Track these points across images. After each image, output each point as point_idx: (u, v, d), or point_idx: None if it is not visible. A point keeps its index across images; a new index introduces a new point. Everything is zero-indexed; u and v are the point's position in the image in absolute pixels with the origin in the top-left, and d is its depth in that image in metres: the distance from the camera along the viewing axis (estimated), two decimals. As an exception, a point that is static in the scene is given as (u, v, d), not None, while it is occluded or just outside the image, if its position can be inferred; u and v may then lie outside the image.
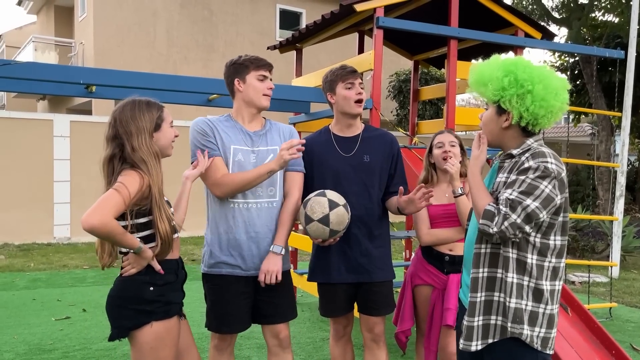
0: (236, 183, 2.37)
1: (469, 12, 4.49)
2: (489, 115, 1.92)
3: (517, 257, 1.78)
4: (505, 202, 1.73)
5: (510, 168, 1.85)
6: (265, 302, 2.49)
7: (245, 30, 14.55)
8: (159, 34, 13.63)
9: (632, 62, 6.87)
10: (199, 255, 8.13)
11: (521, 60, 1.89)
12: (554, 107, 1.83)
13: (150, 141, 2.06)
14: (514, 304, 1.77)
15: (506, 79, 1.82)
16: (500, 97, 1.83)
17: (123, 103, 2.09)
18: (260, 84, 2.46)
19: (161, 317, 2.02)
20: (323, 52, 11.32)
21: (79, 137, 9.31)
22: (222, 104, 4.67)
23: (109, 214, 1.89)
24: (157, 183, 2.02)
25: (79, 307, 5.13)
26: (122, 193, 1.92)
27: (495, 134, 1.91)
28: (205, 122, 2.47)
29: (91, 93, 4.03)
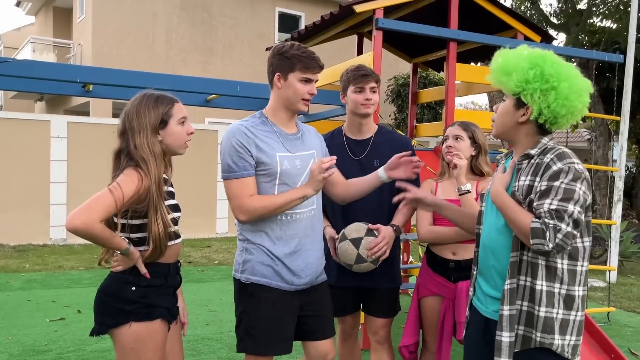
0: (262, 208, 2.11)
1: (468, 14, 4.49)
2: (506, 107, 1.82)
3: (547, 263, 1.72)
4: (549, 214, 1.65)
5: (533, 170, 1.75)
6: (310, 317, 2.29)
7: (244, 33, 14.56)
8: (157, 37, 13.62)
9: (631, 67, 6.88)
10: (195, 257, 8.11)
11: (550, 54, 1.79)
12: (576, 108, 1.75)
13: (153, 139, 1.97)
14: (544, 313, 1.71)
15: (532, 71, 1.73)
16: (522, 89, 1.74)
17: (134, 97, 2.04)
18: (303, 86, 2.18)
19: (140, 319, 1.95)
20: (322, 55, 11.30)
21: (76, 138, 9.28)
22: (220, 105, 4.65)
23: (96, 218, 1.83)
24: (155, 184, 1.94)
25: (74, 308, 5.10)
26: (115, 195, 1.86)
27: (508, 126, 1.83)
28: (243, 134, 2.15)
29: (88, 92, 4.01)
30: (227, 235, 10.47)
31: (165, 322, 2.03)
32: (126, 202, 1.90)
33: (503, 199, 1.77)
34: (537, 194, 1.70)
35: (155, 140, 1.98)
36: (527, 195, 1.74)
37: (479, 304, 1.92)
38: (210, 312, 5.07)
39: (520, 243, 1.73)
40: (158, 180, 1.96)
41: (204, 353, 3.97)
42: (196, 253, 8.45)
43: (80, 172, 9.19)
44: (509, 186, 1.83)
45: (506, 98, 1.83)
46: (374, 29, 3.93)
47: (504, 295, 1.75)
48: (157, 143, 1.99)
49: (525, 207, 1.72)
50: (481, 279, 1.92)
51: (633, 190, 15.80)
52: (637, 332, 4.88)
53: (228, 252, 8.54)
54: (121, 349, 1.97)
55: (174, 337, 2.17)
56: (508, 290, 1.74)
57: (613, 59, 4.86)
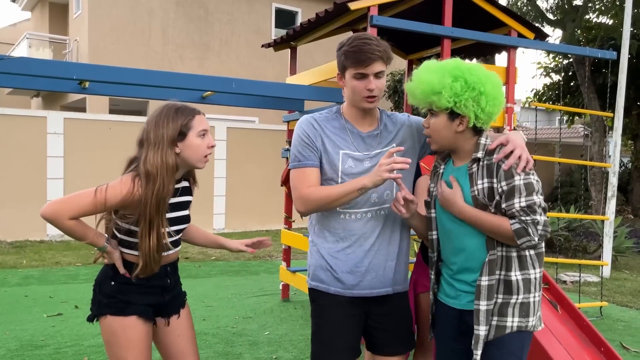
0: (319, 199, 1.97)
1: (462, 11, 4.52)
2: (440, 123, 1.88)
3: (518, 254, 1.83)
4: (523, 211, 1.77)
5: (487, 172, 1.85)
6: (378, 330, 2.12)
7: (241, 29, 14.55)
8: (154, 32, 13.61)
9: (625, 63, 6.92)
10: (192, 253, 8.14)
11: (459, 62, 1.89)
12: (502, 103, 1.89)
13: (168, 151, 1.93)
14: (521, 299, 1.83)
15: (457, 84, 1.81)
16: (454, 102, 1.82)
17: (157, 107, 2.01)
18: (359, 83, 1.97)
19: (114, 313, 1.98)
20: (318, 51, 11.33)
21: (72, 134, 9.28)
22: (216, 101, 4.67)
23: (66, 213, 1.87)
24: (154, 199, 1.89)
25: (71, 304, 5.13)
26: (98, 197, 1.88)
27: (449, 139, 1.90)
28: (310, 125, 2.05)
29: (84, 89, 4.03)
30: (224, 231, 10.51)
31: (144, 319, 2.02)
32: (108, 206, 1.91)
33: (472, 213, 1.84)
34: (501, 195, 1.80)
35: (170, 153, 1.93)
36: (490, 196, 1.83)
37: (449, 299, 1.98)
38: (206, 307, 5.10)
39: (495, 242, 1.83)
40: (160, 195, 1.91)
41: (201, 348, 4.00)
42: (193, 249, 8.48)
43: (76, 168, 9.21)
44: (466, 192, 1.89)
45: (436, 113, 1.88)
46: (369, 26, 3.96)
47: (480, 291, 1.83)
48: (172, 156, 1.94)
49: (493, 208, 1.82)
50: (450, 278, 1.98)
51: (629, 186, 15.86)
52: (629, 326, 4.93)
53: (225, 248, 8.56)
54: (104, 338, 2.05)
55: (178, 330, 2.16)
56: (486, 287, 1.83)
57: (606, 55, 4.90)
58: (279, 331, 4.39)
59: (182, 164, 2.00)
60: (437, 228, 2.01)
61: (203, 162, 2.02)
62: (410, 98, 1.94)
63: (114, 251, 2.00)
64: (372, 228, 2.04)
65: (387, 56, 1.99)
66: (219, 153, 10.47)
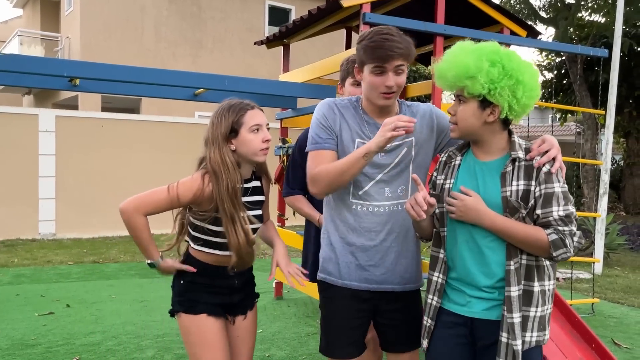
0: (327, 175, 1.89)
1: (455, 9, 4.52)
2: (469, 110, 1.72)
3: (537, 263, 1.72)
4: (561, 221, 1.66)
5: (525, 173, 1.70)
6: (389, 326, 2.07)
7: (234, 26, 14.51)
8: (147, 30, 13.54)
9: (617, 61, 6.95)
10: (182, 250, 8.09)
11: (497, 46, 1.72)
12: (538, 95, 1.73)
13: (225, 149, 1.96)
14: (540, 312, 1.72)
15: (495, 69, 1.66)
16: (489, 90, 1.66)
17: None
18: (376, 78, 1.88)
19: (186, 311, 2.05)
20: (312, 49, 11.32)
21: (64, 132, 9.22)
22: (209, 99, 4.65)
23: (144, 209, 1.94)
24: (227, 193, 1.93)
25: (63, 302, 5.10)
26: (171, 193, 1.93)
27: (475, 128, 1.74)
28: (330, 109, 2.00)
29: (75, 86, 4.00)
30: (218, 229, 10.49)
31: (214, 317, 2.05)
32: (182, 202, 1.96)
33: (504, 223, 1.68)
34: (537, 200, 1.68)
35: (227, 150, 1.96)
36: (524, 199, 1.69)
37: (456, 306, 1.80)
38: (199, 305, 5.09)
39: (517, 250, 1.70)
40: (230, 190, 1.94)
41: (193, 346, 4.00)
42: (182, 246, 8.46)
43: (68, 167, 9.16)
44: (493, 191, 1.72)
45: (466, 100, 1.73)
46: (361, 24, 3.95)
47: (512, 303, 1.67)
48: (229, 153, 1.96)
49: (524, 211, 1.68)
50: (456, 282, 1.81)
51: (621, 183, 15.97)
52: (621, 322, 4.96)
53: (218, 246, 8.56)
54: (182, 338, 2.11)
55: (239, 331, 2.18)
56: (517, 297, 1.68)
57: (598, 53, 4.92)
58: (272, 329, 4.39)
59: (241, 159, 2.01)
60: (447, 224, 1.83)
61: (261, 156, 2.01)
62: (439, 80, 1.77)
63: (169, 266, 2.08)
64: (384, 223, 1.97)
65: (409, 53, 1.88)
66: (212, 151, 10.43)
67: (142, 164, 9.63)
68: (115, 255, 7.67)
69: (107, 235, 9.32)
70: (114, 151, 9.48)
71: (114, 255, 7.67)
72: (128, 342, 4.02)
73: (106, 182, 9.38)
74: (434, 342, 1.85)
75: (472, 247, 1.75)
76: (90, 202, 9.27)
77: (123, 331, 4.27)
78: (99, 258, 7.47)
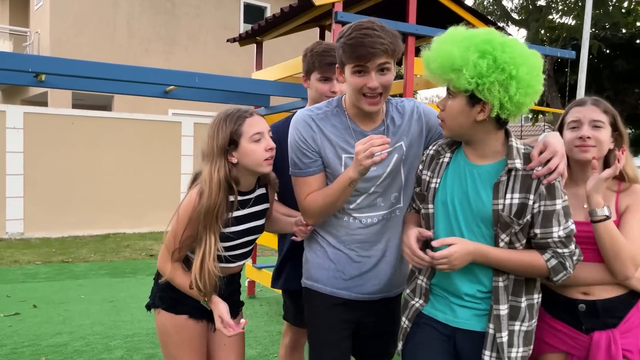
0: (319, 208, 1.79)
1: (426, 9, 4.57)
2: (457, 107, 1.54)
3: (526, 278, 1.61)
4: (561, 243, 1.52)
5: (522, 185, 1.53)
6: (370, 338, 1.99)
7: (208, 23, 14.37)
8: (119, 26, 13.32)
9: (585, 63, 7.12)
10: (157, 250, 8.00)
11: (493, 34, 1.50)
12: (537, 91, 1.52)
13: (217, 165, 1.80)
14: (526, 327, 1.60)
15: (483, 61, 1.45)
16: (477, 85, 1.47)
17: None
18: (358, 79, 1.70)
19: (167, 309, 1.97)
20: (287, 47, 11.29)
21: (33, 129, 9.01)
22: (180, 96, 4.61)
23: (161, 263, 1.92)
24: (204, 214, 1.78)
25: (30, 303, 4.99)
26: (174, 231, 1.85)
27: (465, 127, 1.56)
28: (306, 123, 1.81)
29: (41, 82, 3.91)
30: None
31: (195, 319, 1.97)
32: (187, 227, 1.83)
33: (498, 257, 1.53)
34: (535, 216, 1.52)
35: (221, 165, 1.80)
36: (519, 214, 1.52)
37: (440, 314, 1.67)
38: (170, 305, 5.04)
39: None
40: (207, 211, 1.79)
41: (163, 346, 3.95)
42: (158, 246, 8.34)
43: (37, 164, 8.96)
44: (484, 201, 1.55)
45: (454, 95, 1.54)
46: (333, 22, 3.96)
47: (501, 322, 1.55)
48: (223, 168, 1.80)
49: (517, 227, 1.53)
50: (439, 288, 1.68)
51: (589, 182, 16.32)
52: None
53: (191, 245, 8.48)
54: (158, 336, 2.03)
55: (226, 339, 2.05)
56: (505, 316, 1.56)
57: (565, 54, 5.03)
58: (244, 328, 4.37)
59: (244, 172, 1.87)
60: (434, 226, 1.66)
61: (265, 166, 1.85)
62: (426, 71, 1.59)
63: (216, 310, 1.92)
64: (377, 233, 1.84)
65: (394, 48, 1.67)
66: (186, 149, 10.33)
67: (113, 162, 9.48)
68: (86, 255, 7.53)
69: (77, 235, 9.15)
70: (85, 149, 9.31)
71: (84, 255, 7.53)
72: (96, 342, 3.96)
73: (76, 180, 9.21)
74: (413, 346, 1.72)
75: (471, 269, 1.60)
76: (59, 201, 9.09)
77: (91, 331, 4.19)
78: (68, 258, 7.33)
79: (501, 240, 1.55)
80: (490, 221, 1.54)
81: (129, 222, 9.62)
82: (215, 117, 1.87)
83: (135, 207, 9.65)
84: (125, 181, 9.58)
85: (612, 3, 13.36)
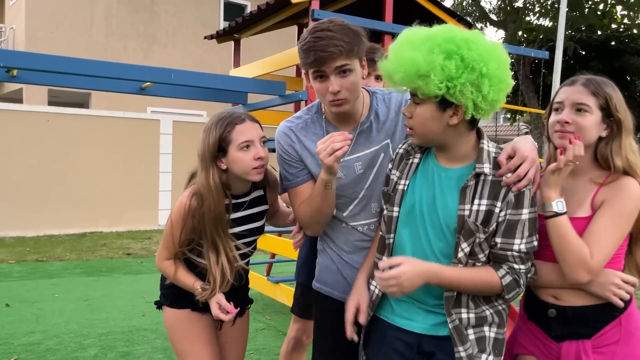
0: (308, 216, 1.77)
1: (403, 8, 4.61)
2: (427, 113, 1.43)
3: None
4: (519, 258, 1.44)
5: (490, 192, 1.44)
6: None
7: (188, 21, 14.27)
8: (96, 22, 13.15)
9: (559, 63, 7.24)
10: (135, 249, 7.95)
11: (452, 31, 1.40)
12: (510, 85, 1.44)
13: (212, 170, 1.77)
14: (494, 334, 1.52)
15: (451, 62, 1.35)
16: (447, 88, 1.36)
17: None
18: (319, 85, 1.63)
19: (170, 304, 2.01)
20: (267, 45, 11.26)
21: (7, 126, 8.85)
22: (156, 93, 4.57)
23: (159, 261, 1.95)
24: (209, 218, 1.78)
25: (2, 302, 4.90)
26: (167, 230, 1.88)
27: (437, 133, 1.46)
28: (285, 135, 1.79)
29: (13, 77, 3.84)
30: (170, 227, 10.30)
31: (199, 312, 1.96)
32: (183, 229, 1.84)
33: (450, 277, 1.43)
34: (499, 225, 1.44)
35: (214, 172, 1.77)
36: (486, 222, 1.43)
37: (401, 320, 1.58)
38: (147, 303, 4.99)
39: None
40: (212, 214, 1.78)
41: (138, 343, 3.93)
42: (136, 245, 8.29)
43: (12, 162, 8.80)
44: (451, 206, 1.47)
45: (422, 101, 1.43)
46: (310, 20, 3.96)
47: (459, 335, 1.47)
48: (217, 174, 1.78)
49: (483, 236, 1.44)
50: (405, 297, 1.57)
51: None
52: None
53: (169, 244, 8.42)
54: (167, 333, 2.06)
55: (228, 337, 2.11)
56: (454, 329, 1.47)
57: (539, 55, 5.11)
58: (220, 325, 4.36)
59: (232, 179, 1.84)
60: (396, 230, 1.57)
61: (254, 175, 1.80)
62: (388, 82, 1.49)
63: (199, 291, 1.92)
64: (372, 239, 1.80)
65: (351, 48, 1.58)
66: (165, 147, 10.25)
67: (91, 160, 9.36)
68: (61, 254, 7.43)
69: (52, 234, 9.02)
70: (61, 147, 9.18)
71: (59, 254, 7.43)
72: (70, 341, 3.92)
73: (52, 178, 9.08)
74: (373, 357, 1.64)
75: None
76: (35, 200, 8.95)
77: (65, 330, 4.15)
78: (43, 256, 7.22)
79: (461, 249, 1.45)
80: (454, 227, 1.46)
81: (106, 221, 9.52)
82: (210, 119, 1.85)
83: (112, 205, 9.55)
84: (103, 180, 9.47)
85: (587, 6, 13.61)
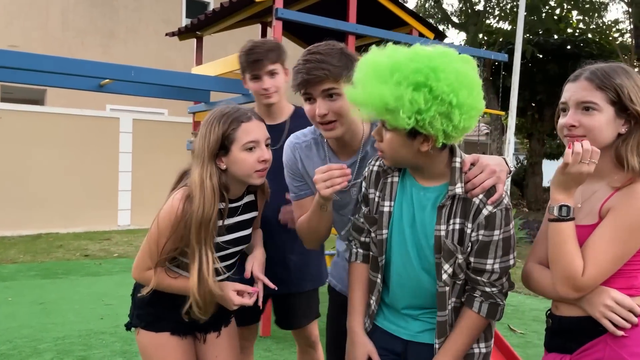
0: (305, 233, 1.79)
1: (367, 9, 4.64)
2: (397, 140, 1.39)
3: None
4: (488, 284, 1.43)
5: (462, 211, 1.43)
6: None
7: (148, 17, 13.99)
8: (52, 16, 12.75)
9: (518, 66, 7.42)
10: (93, 250, 7.74)
11: (419, 58, 1.33)
12: (481, 109, 1.37)
13: (208, 170, 1.63)
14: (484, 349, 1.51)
15: (419, 95, 1.28)
16: (416, 121, 1.31)
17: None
18: (309, 107, 1.65)
19: (146, 327, 1.80)
20: (231, 43, 11.15)
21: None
22: (116, 90, 4.46)
23: (139, 271, 1.73)
24: (193, 222, 1.61)
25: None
26: (151, 237, 1.68)
27: (408, 159, 1.43)
28: (291, 151, 1.84)
29: (-39, 72, 3.69)
30: (130, 228, 10.07)
31: (178, 336, 1.81)
32: (169, 236, 1.65)
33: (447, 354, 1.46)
34: (472, 245, 1.42)
35: (212, 171, 1.64)
36: (462, 242, 1.43)
37: (392, 326, 1.59)
38: (105, 305, 4.87)
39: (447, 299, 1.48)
40: (204, 220, 1.62)
41: (98, 347, 3.82)
42: (94, 246, 8.08)
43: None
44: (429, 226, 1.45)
45: (391, 128, 1.39)
46: (274, 19, 3.95)
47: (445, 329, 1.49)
48: (214, 175, 1.64)
49: (462, 256, 1.43)
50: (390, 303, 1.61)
51: (524, 181, 17.06)
52: (517, 310, 5.31)
53: (129, 245, 8.23)
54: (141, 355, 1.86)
55: (216, 350, 1.91)
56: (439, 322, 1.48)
57: (499, 57, 5.23)
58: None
59: (232, 179, 1.70)
60: (387, 252, 1.54)
61: (256, 178, 1.69)
62: (355, 111, 1.43)
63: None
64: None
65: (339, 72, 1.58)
66: (124, 146, 10.02)
67: (46, 158, 9.07)
68: (14, 256, 7.17)
69: (5, 235, 8.69)
70: (15, 145, 8.85)
71: (13, 256, 7.17)
72: (24, 345, 3.78)
73: (5, 178, 8.74)
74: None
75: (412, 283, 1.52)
76: (-14, 199, 8.61)
77: (18, 335, 4.00)
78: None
79: (444, 271, 1.43)
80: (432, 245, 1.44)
81: (63, 222, 9.23)
82: (210, 113, 1.70)
83: (69, 205, 9.27)
84: (59, 179, 9.18)
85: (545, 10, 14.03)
